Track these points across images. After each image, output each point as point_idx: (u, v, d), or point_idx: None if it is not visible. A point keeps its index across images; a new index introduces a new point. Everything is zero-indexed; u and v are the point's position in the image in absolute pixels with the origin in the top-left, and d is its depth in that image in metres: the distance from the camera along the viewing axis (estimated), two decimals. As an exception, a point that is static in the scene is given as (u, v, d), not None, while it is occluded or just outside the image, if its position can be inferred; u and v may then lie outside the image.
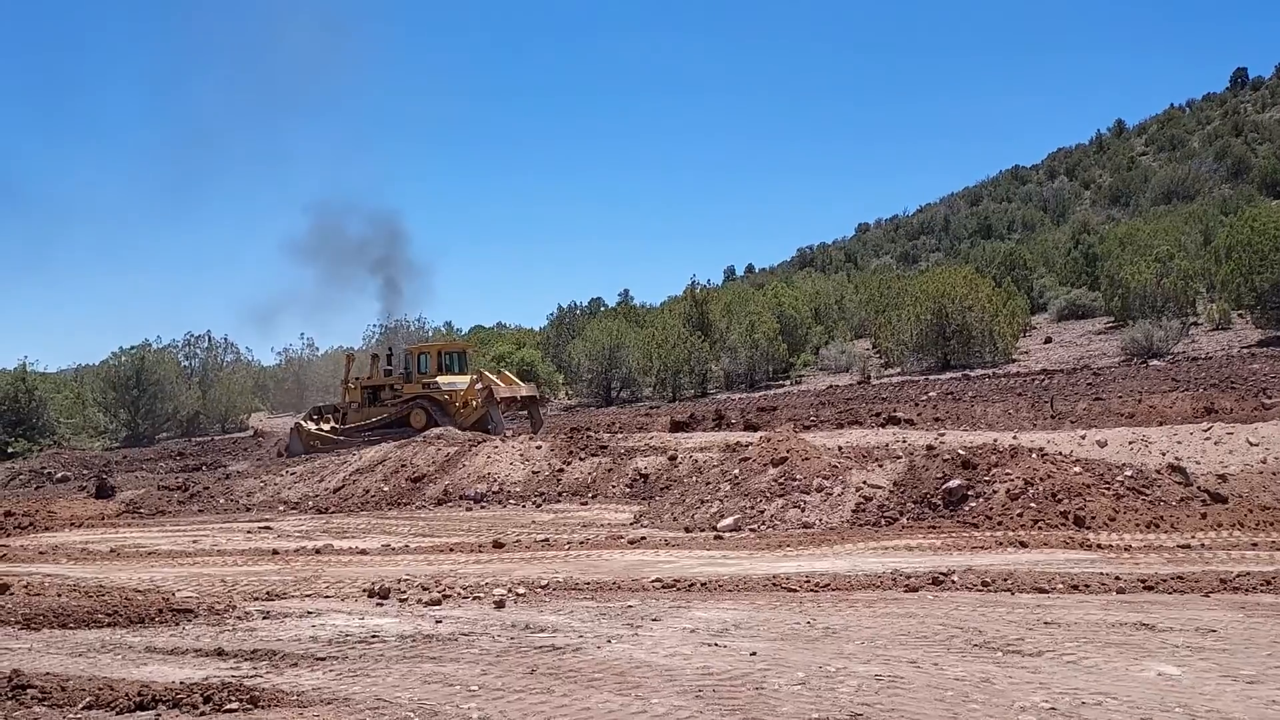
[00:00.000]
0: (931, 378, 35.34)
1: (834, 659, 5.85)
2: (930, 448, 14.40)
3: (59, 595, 8.98)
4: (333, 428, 28.20)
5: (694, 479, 15.78)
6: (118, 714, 5.23)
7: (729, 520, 12.90)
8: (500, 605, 8.04)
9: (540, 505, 16.73)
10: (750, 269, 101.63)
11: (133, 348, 41.03)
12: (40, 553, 13.10)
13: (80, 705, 5.38)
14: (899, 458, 13.89)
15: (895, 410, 23.29)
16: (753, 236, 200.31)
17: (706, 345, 42.17)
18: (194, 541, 13.90)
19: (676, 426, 23.50)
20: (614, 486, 17.39)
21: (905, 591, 8.01)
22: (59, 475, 28.30)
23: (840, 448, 15.77)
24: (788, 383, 41.70)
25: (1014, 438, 16.16)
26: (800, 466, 13.65)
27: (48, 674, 6.06)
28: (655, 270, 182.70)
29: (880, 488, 12.91)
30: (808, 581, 8.51)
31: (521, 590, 8.60)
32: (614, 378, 42.89)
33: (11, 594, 8.93)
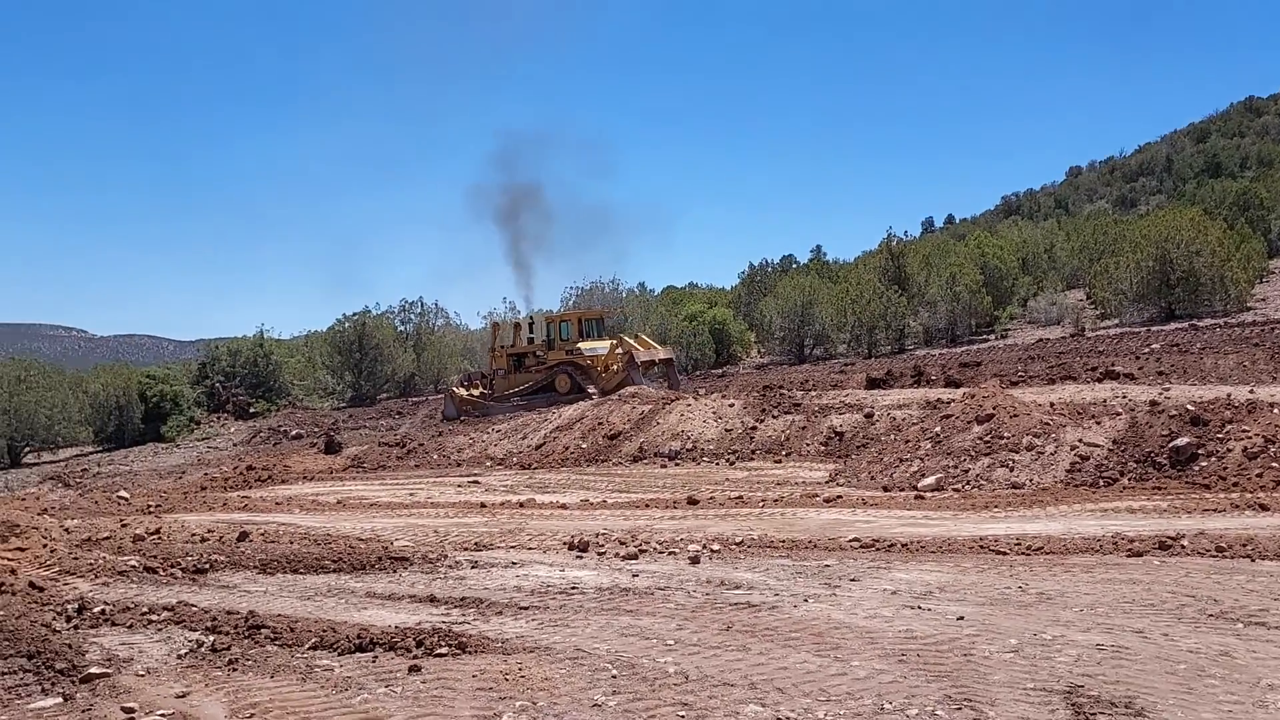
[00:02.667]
0: (1154, 329, 32.77)
1: (1049, 626, 5.50)
2: (1154, 403, 13.34)
3: (291, 543, 9.71)
4: (482, 393, 29.72)
5: (892, 437, 15.31)
6: (339, 655, 5.57)
7: (930, 479, 12.44)
8: (695, 561, 8.07)
9: (733, 463, 16.70)
10: (950, 219, 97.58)
11: (354, 314, 43.82)
12: (277, 503, 14.25)
13: (307, 645, 5.78)
14: (1118, 414, 12.95)
15: (1113, 364, 21.71)
16: (952, 186, 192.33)
17: (904, 300, 40.75)
18: (410, 494, 14.73)
19: (872, 383, 22.81)
20: (808, 444, 17.13)
21: (1128, 556, 7.45)
22: (293, 433, 30.73)
23: (1052, 404, 14.85)
24: (992, 337, 39.77)
25: (1250, 392, 14.73)
26: (1008, 424, 12.97)
27: (279, 615, 6.56)
28: (848, 225, 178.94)
29: (1098, 446, 12.09)
30: (1018, 544, 8.07)
31: (716, 547, 8.60)
32: (806, 335, 42.20)
33: (250, 541, 9.74)
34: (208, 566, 8.44)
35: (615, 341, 27.88)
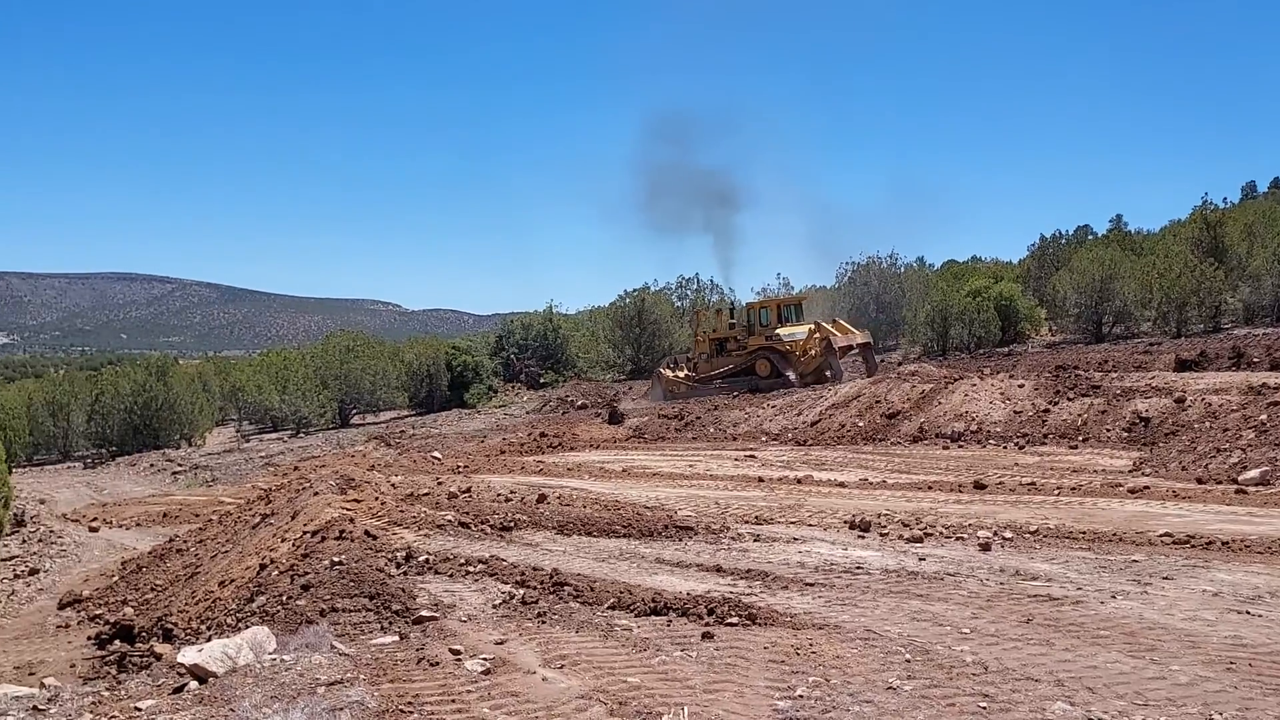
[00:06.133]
0: None
1: None
2: None
3: (584, 507, 10.33)
4: (687, 375, 30.62)
5: (1207, 424, 13.96)
6: (636, 616, 5.89)
7: (1254, 472, 11.24)
8: (986, 548, 7.79)
9: (1023, 447, 15.85)
10: (1277, 184, 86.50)
11: (635, 290, 45.48)
12: (568, 469, 15.16)
13: (606, 605, 6.15)
14: None
15: None
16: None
17: (1221, 274, 36.71)
18: (690, 465, 15.18)
19: (1183, 365, 20.83)
20: (1107, 430, 15.93)
21: None
22: (579, 403, 32.45)
23: None
24: (1331, 315, 35.01)
25: None
26: (1354, 414, 11.46)
27: (579, 574, 7.02)
28: (1153, 192, 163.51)
29: None
30: (1367, 551, 7.16)
31: (1008, 534, 8.25)
32: (1105, 312, 39.04)
33: (548, 503, 10.45)
34: (512, 525, 9.16)
35: (813, 326, 27.99)
